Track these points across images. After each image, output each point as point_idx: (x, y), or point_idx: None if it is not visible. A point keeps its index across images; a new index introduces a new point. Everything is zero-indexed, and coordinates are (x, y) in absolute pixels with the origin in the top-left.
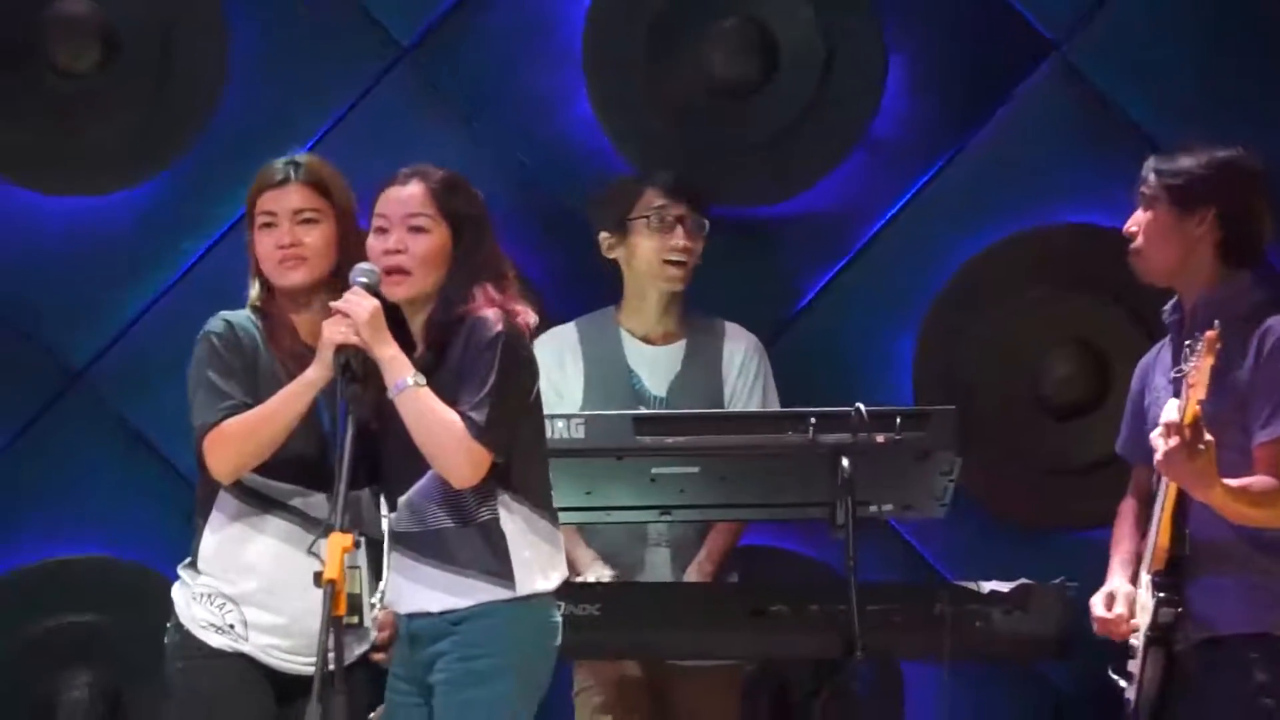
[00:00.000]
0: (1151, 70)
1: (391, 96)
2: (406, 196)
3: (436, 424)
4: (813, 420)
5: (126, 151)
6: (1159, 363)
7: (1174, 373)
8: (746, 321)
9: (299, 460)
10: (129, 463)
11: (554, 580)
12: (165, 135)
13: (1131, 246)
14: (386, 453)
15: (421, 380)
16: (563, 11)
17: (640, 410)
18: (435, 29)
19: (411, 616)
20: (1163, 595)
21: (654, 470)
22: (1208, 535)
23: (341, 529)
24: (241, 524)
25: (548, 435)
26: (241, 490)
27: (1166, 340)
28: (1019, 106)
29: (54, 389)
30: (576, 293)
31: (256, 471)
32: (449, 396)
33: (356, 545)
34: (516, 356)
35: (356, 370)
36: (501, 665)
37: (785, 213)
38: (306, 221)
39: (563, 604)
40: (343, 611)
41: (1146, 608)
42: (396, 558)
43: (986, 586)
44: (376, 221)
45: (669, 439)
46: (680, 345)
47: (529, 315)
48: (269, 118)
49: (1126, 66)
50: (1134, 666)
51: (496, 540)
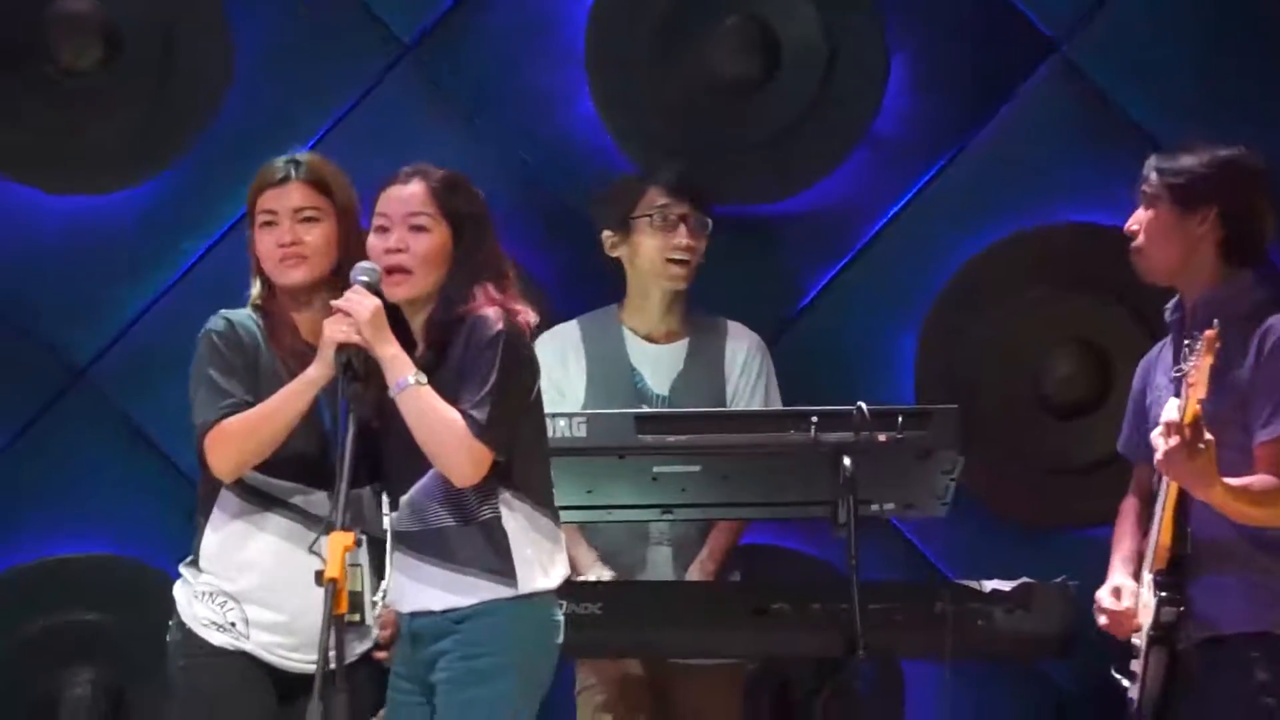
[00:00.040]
0: (1152, 69)
1: (393, 95)
2: (408, 195)
3: (438, 422)
4: (814, 419)
5: (128, 150)
6: (1160, 361)
7: (1174, 372)
8: (748, 320)
9: (300, 458)
10: (131, 461)
11: (555, 578)
12: (167, 134)
13: (1133, 245)
14: (388, 452)
15: (423, 379)
16: (565, 9)
17: (642, 409)
18: (437, 27)
19: (413, 615)
20: (1165, 594)
21: (656, 469)
22: (1209, 534)
23: (343, 527)
24: (242, 522)
25: (550, 434)
26: (242, 488)
27: (1168, 339)
28: (1020, 105)
29: (55, 387)
30: (579, 291)
31: (257, 469)
32: (450, 395)
33: (358, 544)
34: (517, 355)
35: (358, 369)
36: (503, 664)
37: (787, 211)
38: (307, 220)
39: (564, 603)
40: (344, 610)
41: (1149, 607)
42: (398, 557)
43: (988, 585)
44: (377, 220)
45: (671, 438)
46: (683, 344)
47: (529, 315)
48: (271, 116)
49: (1127, 65)
50: (1137, 666)
51: (498, 539)
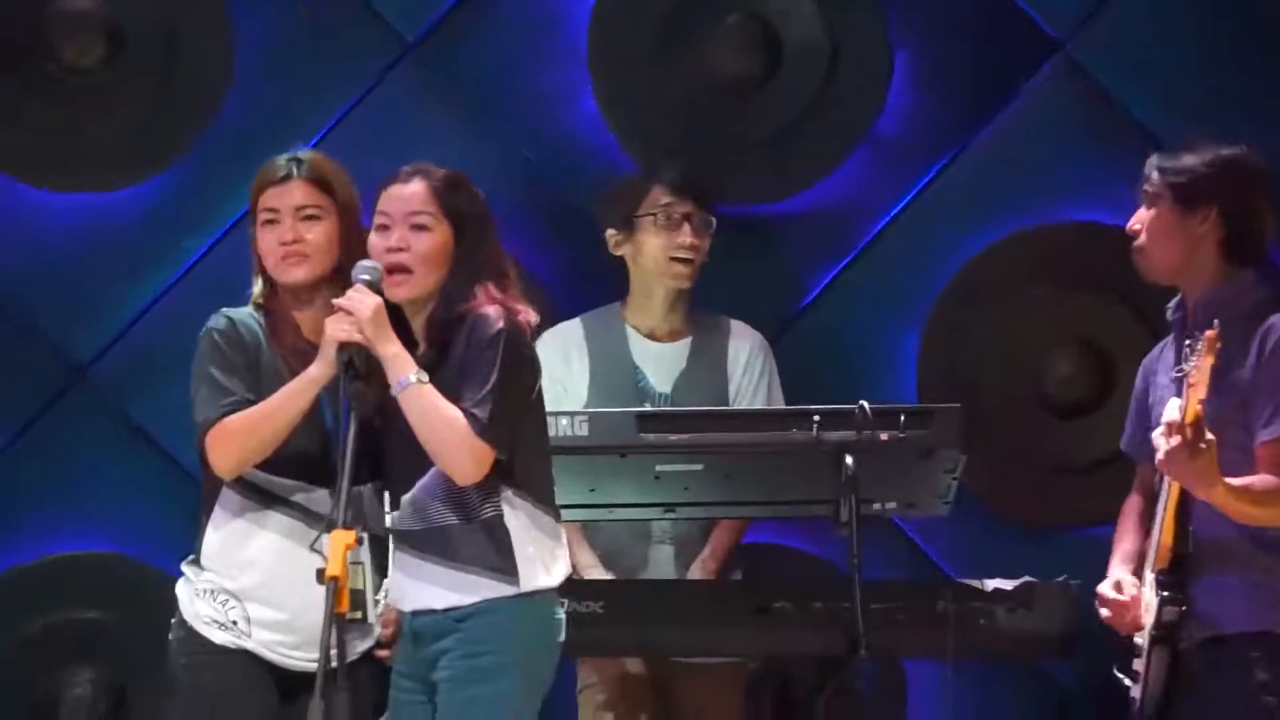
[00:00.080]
0: (1155, 68)
1: (395, 93)
2: (409, 194)
3: (440, 421)
4: (816, 418)
5: (130, 148)
6: (1162, 361)
7: (1175, 372)
8: (750, 319)
9: (301, 456)
10: (132, 459)
11: (557, 576)
12: (169, 132)
13: (1134, 244)
14: (389, 450)
15: (424, 377)
16: (567, 8)
17: (645, 407)
18: (439, 26)
19: (415, 614)
20: (1166, 594)
21: (658, 467)
22: (1211, 534)
23: (344, 525)
24: (244, 520)
25: (552, 433)
26: (244, 486)
27: (1170, 338)
28: (1023, 104)
29: (57, 385)
30: (582, 290)
31: (258, 467)
32: (451, 394)
33: (359, 542)
34: (518, 353)
35: (359, 368)
36: (505, 662)
37: (789, 210)
38: (309, 218)
39: (566, 601)
40: (345, 608)
41: (1150, 606)
42: (399, 555)
43: (990, 584)
44: (378, 219)
45: (673, 436)
46: (686, 343)
47: (530, 314)
48: (273, 114)
49: (1130, 64)
50: (1139, 665)
51: (500, 537)
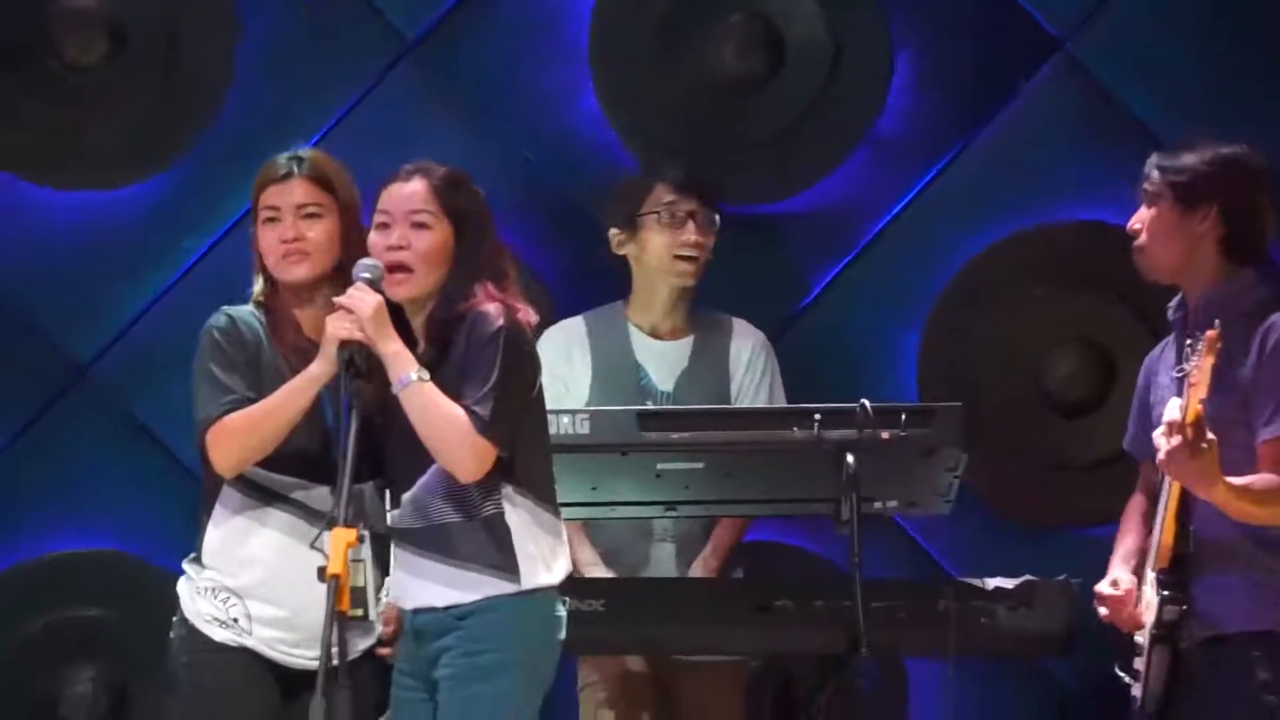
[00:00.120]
0: (1156, 67)
1: (396, 92)
2: (409, 193)
3: (441, 419)
4: (818, 416)
5: (131, 147)
6: (1164, 360)
7: (1175, 372)
8: (752, 318)
9: (302, 454)
10: (133, 457)
11: (558, 574)
12: (171, 130)
13: (1135, 244)
14: (390, 449)
15: (425, 375)
16: (568, 6)
17: (647, 405)
18: (440, 24)
19: (416, 612)
20: (1167, 593)
21: (659, 466)
22: (1212, 533)
23: (345, 523)
24: (244, 517)
25: (553, 431)
26: (244, 484)
27: (1171, 337)
28: (1024, 103)
29: (58, 384)
30: (584, 288)
31: (259, 465)
32: (452, 392)
33: (360, 540)
34: (518, 351)
35: (360, 366)
36: (506, 660)
37: (790, 209)
38: (310, 216)
39: (567, 599)
40: (346, 606)
41: (1151, 605)
42: (400, 553)
43: (991, 583)
44: (378, 218)
45: (674, 434)
46: (688, 341)
47: (529, 314)
48: (274, 113)
49: (1131, 63)
50: (1140, 664)
51: (501, 534)
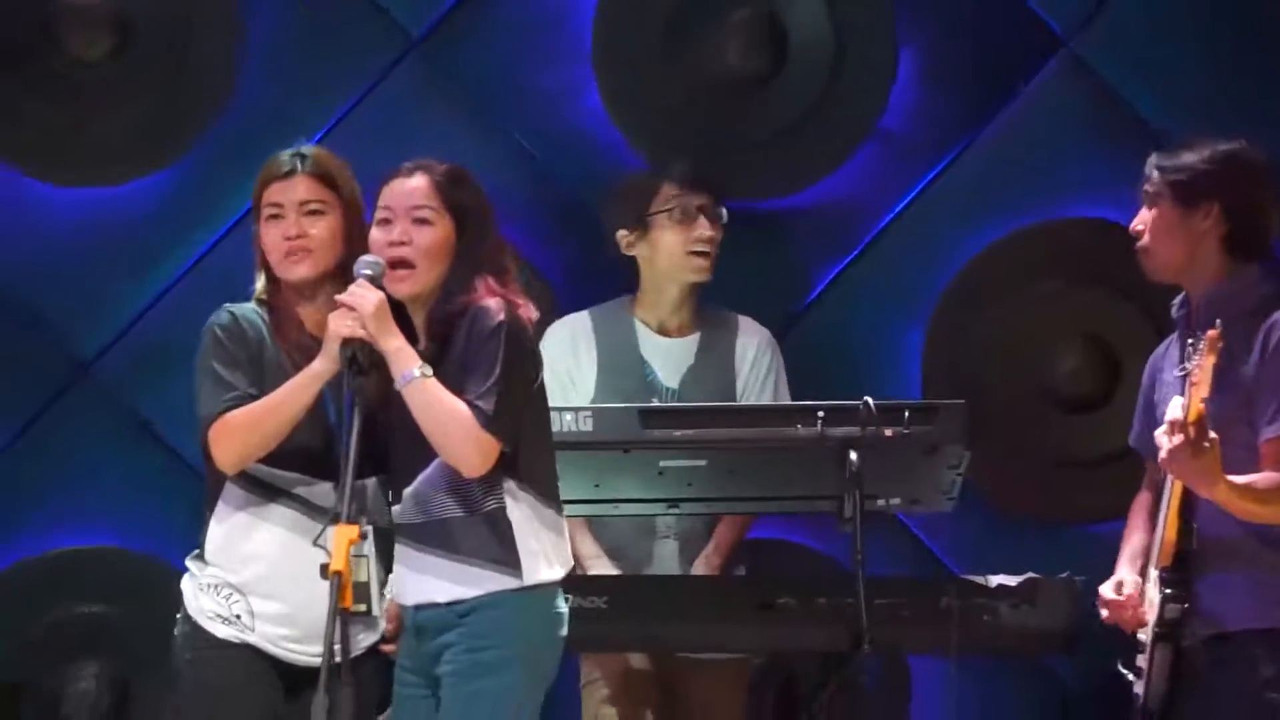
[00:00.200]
0: (1159, 65)
1: (400, 89)
2: (411, 189)
3: (444, 414)
4: (821, 414)
5: (136, 143)
6: (1168, 357)
7: (1177, 370)
8: (755, 315)
9: (304, 450)
10: (137, 454)
11: (559, 570)
12: (175, 126)
13: (1138, 245)
14: (392, 444)
15: (428, 371)
16: (572, 4)
17: (652, 402)
18: (444, 22)
19: (418, 608)
20: (1170, 591)
21: (662, 463)
22: (1215, 531)
23: (348, 519)
24: (246, 514)
25: (556, 428)
26: (246, 480)
27: (1175, 335)
28: (1027, 101)
29: (62, 380)
30: (588, 286)
31: (261, 461)
32: (454, 387)
33: (363, 537)
34: (520, 345)
35: (363, 363)
36: (508, 656)
37: (795, 206)
38: (313, 213)
39: (570, 596)
40: (349, 603)
41: (1154, 603)
42: (401, 549)
43: (994, 580)
44: (380, 214)
45: (677, 432)
46: (694, 338)
47: (530, 310)
48: (278, 110)
49: (1135, 61)
50: (1142, 661)
51: (503, 529)
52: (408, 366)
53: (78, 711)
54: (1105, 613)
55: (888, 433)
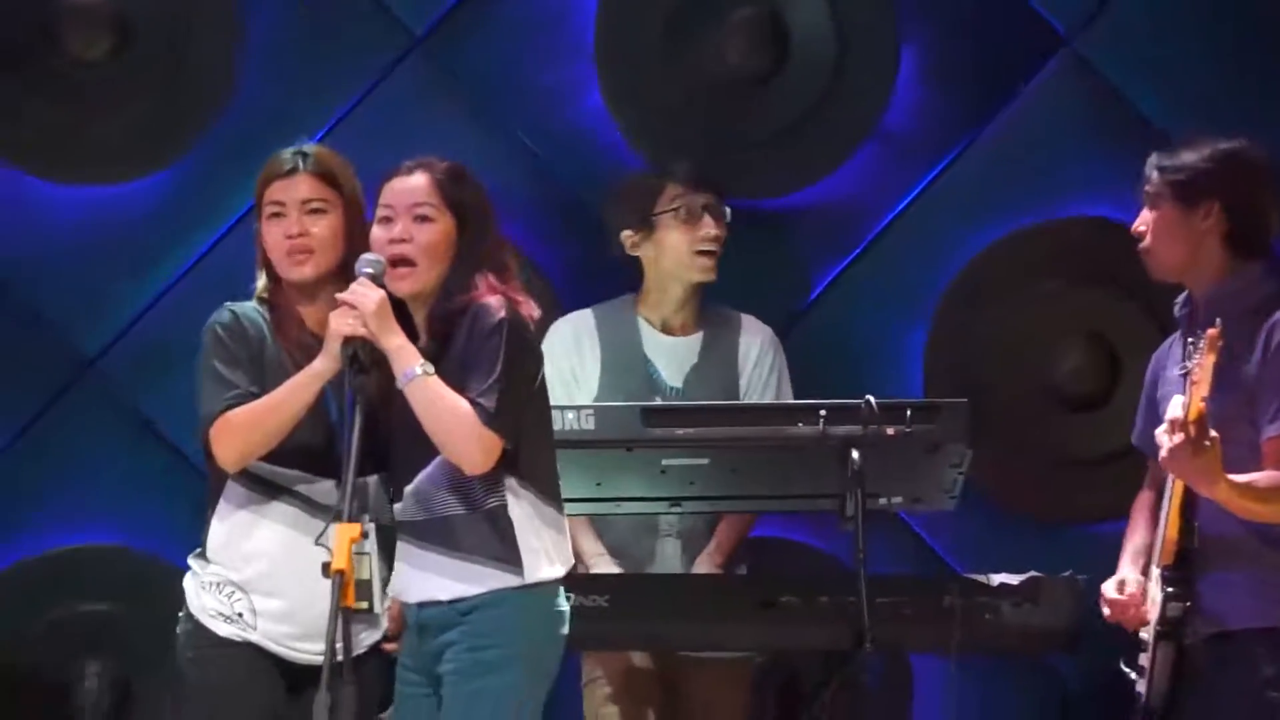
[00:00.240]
0: (1162, 63)
1: (403, 87)
2: (412, 186)
3: (446, 412)
4: (823, 412)
5: (137, 142)
6: (1171, 356)
7: (1178, 370)
8: (757, 313)
9: (306, 448)
10: (139, 452)
11: (560, 568)
12: (177, 125)
13: (1141, 246)
14: (393, 441)
15: (430, 369)
16: (575, 2)
17: (656, 400)
18: (447, 19)
19: (420, 606)
20: (1171, 590)
21: (664, 462)
22: (1217, 530)
23: (350, 517)
24: (248, 511)
25: (558, 426)
26: (248, 478)
27: (1178, 333)
28: (1029, 100)
29: (64, 379)
30: (589, 284)
31: (263, 459)
32: (455, 384)
33: (364, 535)
34: (521, 342)
35: (364, 361)
36: (510, 655)
37: (797, 205)
38: (314, 211)
39: (572, 594)
40: (351, 601)
41: (1156, 602)
42: (402, 546)
43: (996, 579)
44: (381, 212)
45: (679, 430)
46: (697, 337)
47: (531, 307)
48: (280, 108)
49: (1137, 60)
50: (1145, 660)
51: (504, 527)
52: (409, 364)
53: (81, 709)
54: (1108, 611)
55: (890, 431)
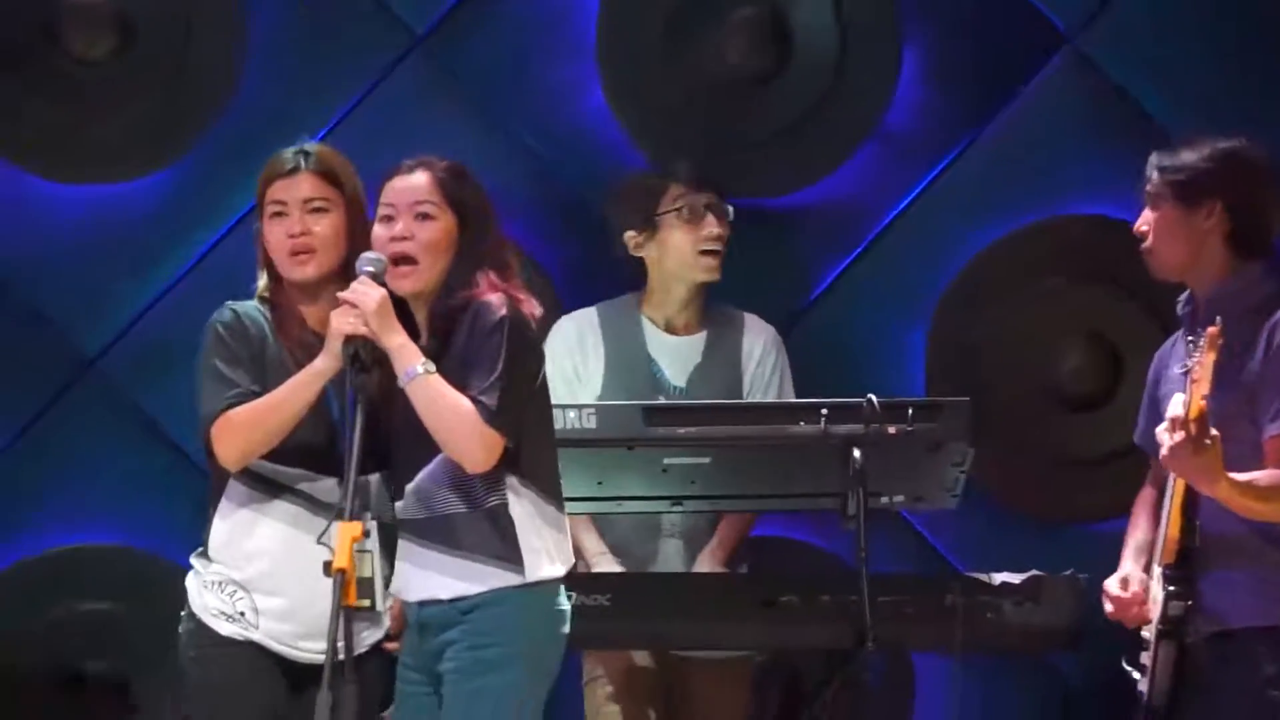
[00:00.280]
0: (1164, 62)
1: (404, 86)
2: (413, 185)
3: (448, 410)
4: (824, 411)
5: (140, 140)
6: (1174, 355)
7: (1180, 368)
8: (759, 312)
9: (307, 446)
10: (141, 451)
11: (561, 567)
12: (178, 125)
13: (1142, 246)
14: (395, 440)
15: (431, 367)
16: (576, 1)
17: (659, 400)
18: (448, 18)
19: (421, 605)
20: (1173, 589)
21: (666, 461)
22: (1218, 528)
23: (352, 515)
24: (249, 510)
25: (559, 425)
26: (249, 476)
27: (1181, 332)
28: (1031, 99)
29: (66, 377)
30: (590, 284)
31: (264, 457)
32: (456, 382)
33: (366, 534)
34: (523, 340)
35: (365, 360)
36: (511, 654)
37: (798, 204)
38: (316, 211)
39: (573, 593)
40: (353, 600)
41: (1157, 601)
42: (404, 544)
43: (998, 578)
44: (382, 210)
45: (680, 429)
46: (701, 336)
47: (533, 305)
48: (282, 107)
49: (1139, 59)
50: (1147, 659)
51: (504, 525)
52: (411, 363)
53: (80, 710)
54: (1110, 608)
55: (891, 430)
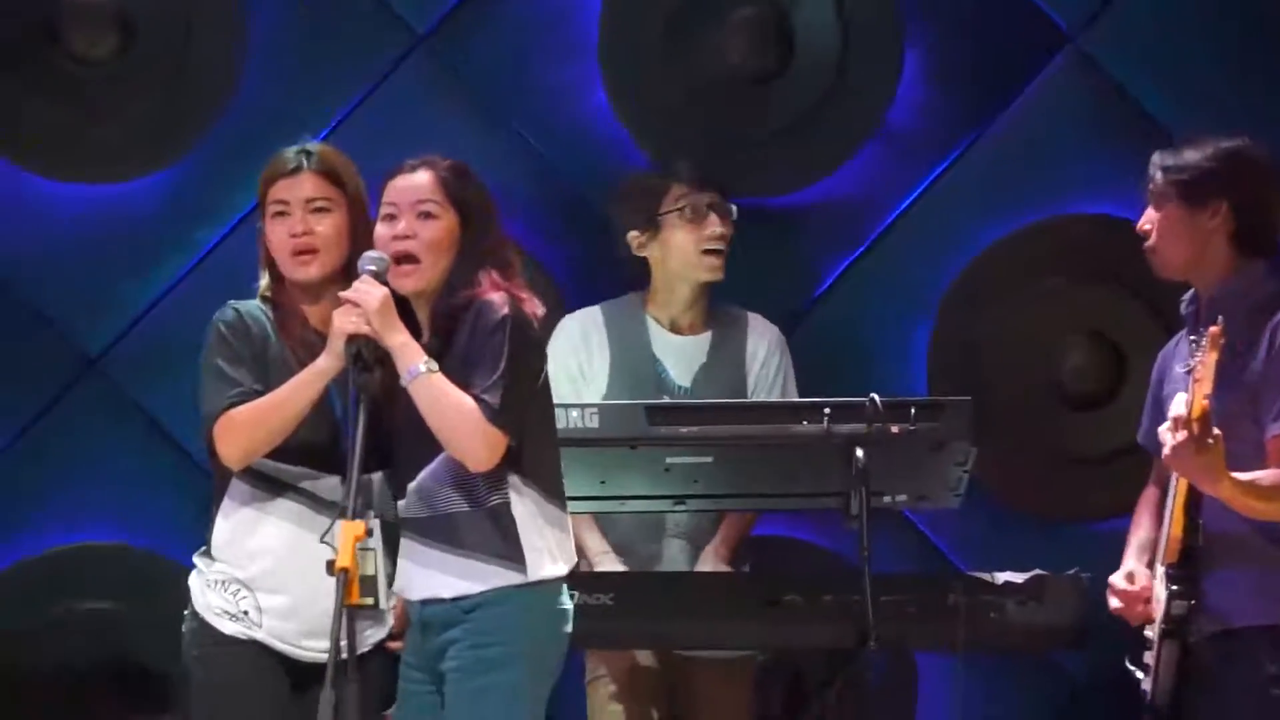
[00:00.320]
0: (1166, 61)
1: (407, 85)
2: (415, 184)
3: (451, 409)
4: (827, 410)
5: (142, 139)
6: (1178, 354)
7: (1183, 367)
8: (762, 311)
9: (310, 445)
10: (144, 450)
11: (564, 566)
12: (181, 123)
13: (1146, 245)
14: (397, 439)
15: (434, 366)
16: (579, 0)
17: (664, 399)
18: (450, 17)
19: (423, 603)
20: (1176, 588)
21: (668, 460)
22: (1221, 528)
23: (355, 514)
24: (252, 508)
25: (562, 424)
26: (252, 475)
27: (1184, 331)
28: (1034, 97)
29: (68, 376)
30: (593, 283)
31: (267, 456)
32: (458, 380)
33: (369, 533)
34: (525, 339)
35: (368, 359)
36: (513, 653)
37: (801, 202)
38: (319, 210)
39: (575, 592)
40: (355, 599)
41: (1161, 600)
42: (406, 543)
43: (1000, 577)
44: (384, 209)
45: (683, 429)
46: (705, 336)
47: (535, 304)
48: (284, 106)
49: (1141, 57)
50: (1150, 658)
51: (506, 525)
52: (413, 362)
53: (81, 710)
54: (1115, 602)
55: (894, 429)
